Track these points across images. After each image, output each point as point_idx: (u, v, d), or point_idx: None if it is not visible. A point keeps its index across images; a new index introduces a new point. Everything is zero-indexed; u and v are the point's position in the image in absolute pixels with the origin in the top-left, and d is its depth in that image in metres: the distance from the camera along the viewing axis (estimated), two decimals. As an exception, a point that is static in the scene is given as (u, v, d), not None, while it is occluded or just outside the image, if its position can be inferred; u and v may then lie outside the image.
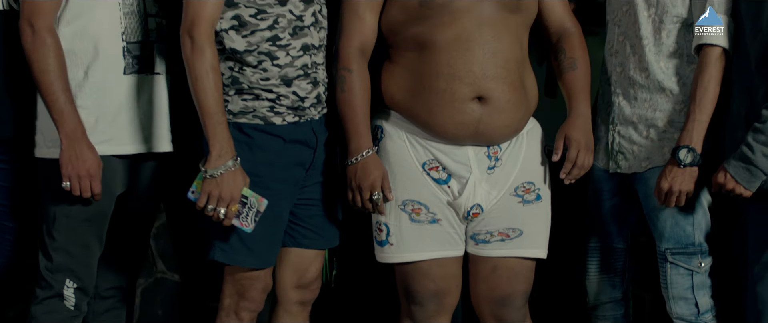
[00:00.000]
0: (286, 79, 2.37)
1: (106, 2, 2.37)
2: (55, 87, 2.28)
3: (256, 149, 2.36)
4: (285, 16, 2.36)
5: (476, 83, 2.34)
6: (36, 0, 2.27)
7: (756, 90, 2.35)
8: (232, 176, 2.27)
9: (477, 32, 2.34)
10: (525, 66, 2.43)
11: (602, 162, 2.63)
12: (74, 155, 2.30)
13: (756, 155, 2.30)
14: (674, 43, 2.48)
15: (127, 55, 2.41)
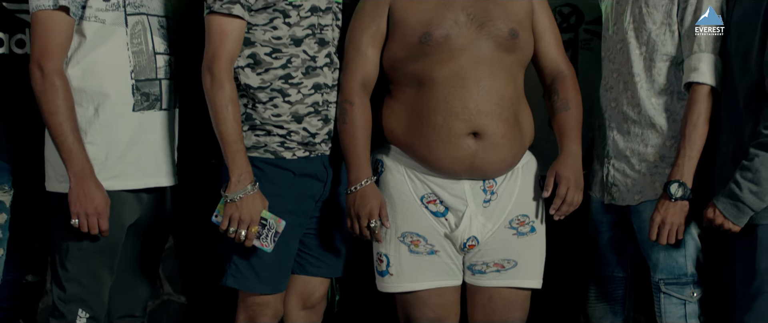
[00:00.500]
0: (296, 115, 2.48)
1: (115, 42, 2.44)
2: (64, 128, 2.36)
3: (266, 182, 2.46)
4: (299, 56, 2.47)
5: (471, 119, 2.42)
6: (45, 43, 2.35)
7: (744, 128, 2.43)
8: (251, 200, 2.38)
9: (473, 70, 2.43)
10: (520, 103, 2.51)
11: (599, 194, 2.71)
12: (82, 193, 2.38)
13: (743, 192, 2.38)
14: (665, 80, 2.57)
15: (136, 92, 2.49)
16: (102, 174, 2.44)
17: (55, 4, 2.33)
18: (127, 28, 2.45)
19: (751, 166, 2.37)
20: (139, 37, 2.47)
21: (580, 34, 2.94)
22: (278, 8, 2.45)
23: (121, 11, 2.44)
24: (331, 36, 2.55)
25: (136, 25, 2.46)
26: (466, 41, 2.44)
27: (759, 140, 2.36)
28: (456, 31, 2.44)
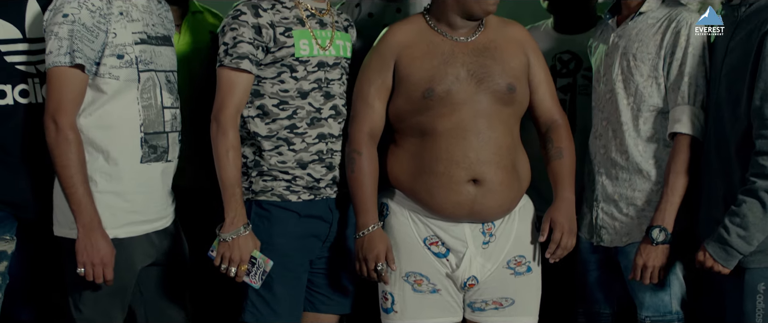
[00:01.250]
0: (301, 162, 2.61)
1: (127, 97, 2.53)
2: (75, 180, 2.44)
3: (273, 222, 2.60)
4: (304, 108, 2.60)
5: (471, 167, 2.56)
6: (60, 98, 2.42)
7: (733, 174, 2.54)
8: (243, 241, 2.52)
9: (473, 122, 2.57)
10: (517, 151, 2.65)
11: (587, 236, 2.84)
12: (89, 243, 2.46)
13: (732, 236, 2.49)
14: (651, 129, 2.69)
15: (145, 145, 2.57)
16: (111, 223, 2.51)
17: (71, 61, 2.41)
18: (138, 84, 2.54)
19: (739, 211, 2.48)
20: (149, 92, 2.56)
21: (578, 80, 3.07)
22: (286, 63, 2.58)
23: (134, 68, 2.53)
24: (339, 90, 2.67)
25: (147, 81, 2.56)
26: (467, 96, 2.57)
27: (747, 187, 2.47)
28: (457, 87, 2.57)
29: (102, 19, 2.46)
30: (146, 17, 2.60)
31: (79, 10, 2.42)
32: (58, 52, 2.41)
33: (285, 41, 2.57)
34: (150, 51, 2.57)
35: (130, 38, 2.53)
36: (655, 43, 2.67)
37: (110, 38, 2.49)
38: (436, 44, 2.61)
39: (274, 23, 2.56)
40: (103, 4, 2.47)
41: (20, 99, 2.58)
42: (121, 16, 2.52)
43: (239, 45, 2.52)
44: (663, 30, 2.66)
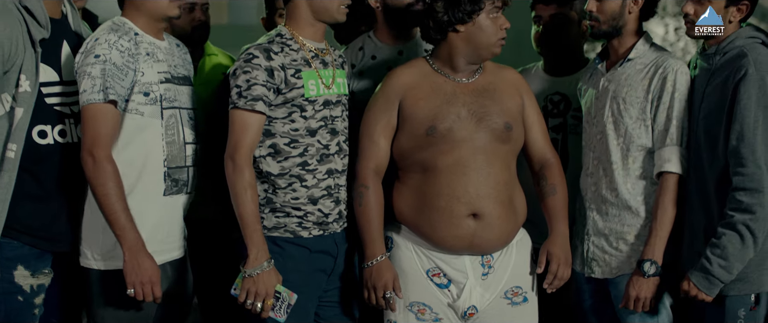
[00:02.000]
0: (312, 198, 2.75)
1: (152, 132, 2.69)
2: (117, 207, 2.58)
3: (287, 258, 2.73)
4: (314, 145, 2.75)
5: (471, 202, 2.73)
6: (97, 133, 2.58)
7: (713, 209, 2.74)
8: (267, 276, 2.64)
9: (472, 159, 2.74)
10: (514, 187, 2.82)
11: (579, 267, 3.00)
12: (136, 264, 2.59)
13: (713, 266, 2.68)
14: (639, 168, 2.87)
15: (167, 178, 2.73)
16: None
17: (104, 98, 2.57)
18: (162, 121, 2.70)
19: (719, 243, 2.67)
20: (172, 128, 2.72)
21: (568, 120, 3.24)
22: (296, 103, 2.72)
23: (158, 105, 2.69)
24: (341, 126, 2.83)
25: (170, 118, 2.72)
26: (467, 133, 2.75)
27: (726, 221, 2.66)
28: (458, 125, 2.75)
29: (130, 58, 2.63)
30: (169, 58, 2.76)
31: (109, 50, 2.59)
32: (92, 90, 2.57)
33: (295, 82, 2.71)
34: (173, 90, 2.74)
35: (156, 77, 2.69)
36: (643, 88, 2.85)
37: (138, 77, 2.65)
38: (438, 85, 2.79)
39: (285, 65, 2.70)
40: (131, 45, 2.64)
41: (59, 139, 2.72)
42: (148, 56, 2.68)
43: (253, 87, 2.65)
44: (650, 75, 2.85)
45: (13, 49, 2.59)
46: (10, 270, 2.66)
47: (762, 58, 2.67)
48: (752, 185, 2.63)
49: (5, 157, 2.62)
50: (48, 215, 2.71)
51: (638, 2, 2.87)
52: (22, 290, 2.68)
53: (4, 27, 2.57)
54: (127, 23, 2.70)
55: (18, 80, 2.62)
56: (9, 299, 2.67)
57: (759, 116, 2.63)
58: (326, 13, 2.75)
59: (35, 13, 2.65)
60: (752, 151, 2.63)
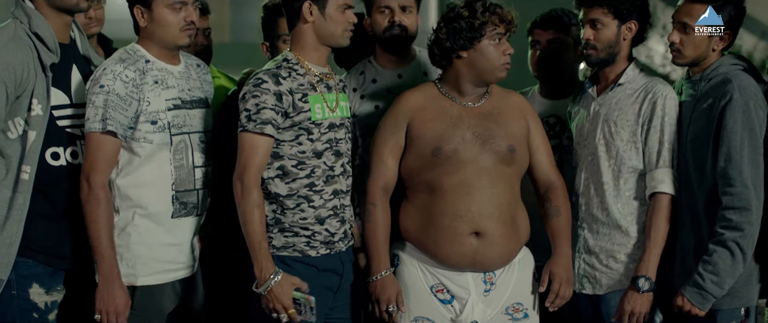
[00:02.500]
0: (319, 218, 2.85)
1: (160, 158, 2.78)
2: (101, 234, 2.69)
3: (295, 276, 2.81)
4: (320, 166, 2.84)
5: (474, 221, 2.85)
6: (94, 160, 2.68)
7: (703, 227, 2.87)
8: (278, 288, 2.73)
9: (476, 179, 2.86)
10: (517, 207, 2.93)
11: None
12: (107, 293, 2.70)
13: (706, 282, 2.80)
14: (630, 188, 2.99)
15: (176, 201, 2.82)
16: (142, 271, 2.77)
17: (103, 127, 2.67)
18: (171, 146, 2.78)
19: (711, 260, 2.80)
20: (180, 153, 2.81)
21: (563, 142, 3.35)
22: (303, 126, 2.81)
23: (167, 132, 2.78)
24: (345, 148, 2.93)
25: (180, 144, 2.81)
26: (471, 155, 2.87)
27: (716, 238, 2.80)
28: (463, 146, 2.86)
29: (135, 89, 2.72)
30: (182, 83, 2.85)
31: (113, 81, 2.69)
32: (93, 118, 2.68)
33: (302, 106, 2.81)
34: (183, 115, 2.83)
35: (164, 105, 2.78)
36: (634, 112, 2.97)
37: (144, 106, 2.74)
38: (445, 108, 2.91)
39: (293, 90, 2.80)
40: (136, 76, 2.73)
41: (70, 160, 2.81)
42: (156, 84, 2.77)
43: (262, 111, 2.74)
44: (641, 100, 2.97)
45: (24, 75, 2.69)
46: (26, 288, 2.76)
47: (745, 84, 2.82)
48: (741, 203, 2.76)
49: (19, 179, 2.71)
50: (61, 234, 2.80)
51: (632, 30, 3.01)
52: (37, 307, 2.77)
53: (16, 53, 2.68)
54: (139, 51, 2.80)
55: (30, 104, 2.71)
56: (25, 316, 2.76)
57: (745, 138, 2.77)
58: (331, 38, 2.86)
59: (45, 38, 2.74)
60: (739, 172, 2.77)
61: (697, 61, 2.93)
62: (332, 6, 2.82)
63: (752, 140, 2.79)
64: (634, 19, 3.00)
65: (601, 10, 2.97)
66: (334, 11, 2.83)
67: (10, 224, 2.71)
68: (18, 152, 2.73)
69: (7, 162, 2.73)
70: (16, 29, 2.73)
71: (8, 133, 2.72)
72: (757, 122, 2.79)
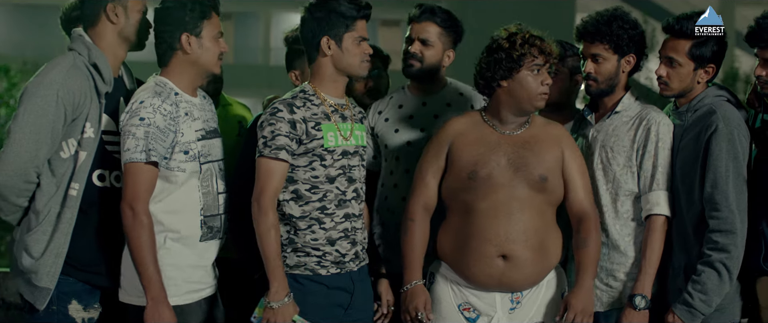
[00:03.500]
0: (330, 240, 3.04)
1: (191, 185, 2.98)
2: (148, 260, 2.87)
3: (306, 294, 3.02)
4: (332, 191, 3.03)
5: (501, 245, 3.02)
6: (136, 188, 2.86)
7: (692, 249, 3.04)
8: (286, 308, 2.94)
9: (507, 204, 3.03)
10: (547, 232, 3.06)
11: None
12: (157, 313, 2.88)
13: (695, 300, 2.97)
14: (627, 211, 3.15)
15: (204, 226, 3.02)
16: (173, 292, 2.94)
17: (146, 158, 2.86)
18: (200, 174, 2.99)
19: (699, 280, 2.97)
20: (207, 180, 3.01)
21: None
22: (316, 153, 3.01)
23: (197, 161, 2.98)
24: (359, 174, 3.11)
25: (207, 171, 3.01)
26: (505, 180, 3.04)
27: (704, 260, 2.97)
28: (497, 172, 3.04)
29: (172, 121, 2.92)
30: (203, 114, 3.06)
31: (154, 114, 2.88)
32: (135, 149, 2.86)
33: (315, 134, 3.01)
34: (208, 145, 3.03)
35: (194, 136, 2.98)
36: (629, 138, 3.13)
37: (178, 137, 2.94)
38: (485, 135, 3.10)
39: (306, 119, 3.00)
40: (173, 108, 2.93)
41: (115, 183, 3.03)
42: (186, 116, 2.98)
43: (277, 138, 2.95)
44: (636, 127, 3.14)
45: (81, 99, 2.93)
46: (65, 304, 2.97)
47: (729, 114, 2.99)
48: (727, 227, 2.93)
49: (68, 195, 2.94)
50: (99, 251, 3.01)
51: (631, 63, 3.18)
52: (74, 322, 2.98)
53: (75, 79, 2.93)
54: (167, 84, 2.99)
55: (83, 127, 2.94)
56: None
57: (730, 166, 2.94)
58: (350, 68, 3.07)
59: (102, 69, 2.99)
60: (725, 197, 2.93)
61: (683, 92, 3.11)
62: (348, 40, 3.03)
63: (736, 167, 2.95)
64: (633, 53, 3.17)
65: (603, 45, 3.14)
66: (350, 44, 3.03)
67: (58, 237, 2.93)
68: (68, 172, 2.95)
69: (57, 181, 2.95)
70: (76, 60, 2.98)
71: (61, 153, 2.95)
72: (740, 150, 2.96)
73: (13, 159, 2.87)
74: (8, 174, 2.88)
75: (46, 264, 2.93)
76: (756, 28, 3.02)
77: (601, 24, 3.14)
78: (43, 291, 2.94)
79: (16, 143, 2.87)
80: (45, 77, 2.91)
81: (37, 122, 2.87)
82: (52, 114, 2.88)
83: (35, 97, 2.88)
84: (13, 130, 2.88)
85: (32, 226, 2.95)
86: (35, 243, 2.93)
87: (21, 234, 2.99)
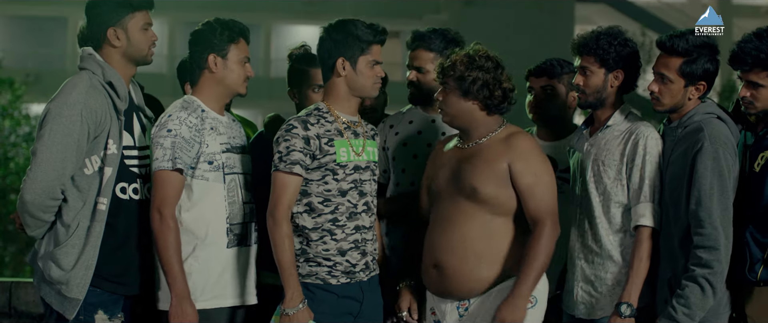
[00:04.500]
0: (341, 251, 3.21)
1: (216, 194, 3.18)
2: (173, 259, 3.07)
3: (317, 302, 3.19)
4: (344, 204, 3.21)
5: (433, 255, 3.24)
6: (164, 194, 3.08)
7: (678, 261, 3.17)
8: (301, 314, 3.11)
9: (447, 215, 3.24)
10: (489, 242, 3.16)
11: (569, 309, 3.42)
12: (181, 310, 3.07)
13: (678, 314, 3.10)
14: (618, 221, 3.29)
15: (230, 233, 3.21)
16: (201, 296, 3.13)
17: (172, 166, 3.07)
18: (224, 185, 3.18)
19: (683, 294, 3.10)
20: (233, 190, 3.21)
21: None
22: (329, 168, 3.19)
23: (221, 172, 3.18)
24: (370, 189, 3.29)
25: (231, 182, 3.21)
26: (445, 193, 3.25)
27: (688, 274, 3.10)
28: (441, 184, 3.26)
29: (197, 133, 3.12)
30: (229, 131, 3.27)
31: (180, 126, 3.09)
32: (162, 158, 3.07)
33: (328, 149, 3.19)
34: (233, 158, 3.23)
35: (219, 148, 3.19)
36: (619, 152, 3.28)
37: (203, 148, 3.14)
38: (450, 150, 3.32)
39: (320, 135, 3.18)
40: (198, 121, 3.14)
41: (133, 195, 3.22)
42: (212, 130, 3.18)
43: (292, 153, 3.13)
44: (625, 141, 3.28)
45: (102, 117, 3.12)
46: (92, 314, 3.16)
47: (716, 132, 3.12)
48: (710, 243, 3.06)
49: (96, 209, 3.13)
50: (123, 261, 3.19)
51: (619, 78, 3.32)
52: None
53: (96, 98, 3.11)
54: (195, 101, 3.21)
55: (106, 144, 3.13)
56: None
57: (714, 183, 3.08)
58: (362, 90, 3.26)
59: (117, 87, 3.17)
60: (709, 214, 3.07)
61: (674, 108, 3.24)
62: (362, 62, 3.23)
63: (721, 184, 3.08)
64: (621, 69, 3.31)
65: (590, 58, 3.30)
66: (363, 67, 3.23)
67: (88, 250, 3.12)
68: (94, 187, 3.14)
69: (83, 196, 3.14)
70: (92, 79, 3.16)
71: (85, 169, 3.14)
72: (726, 168, 3.09)
73: (42, 178, 3.04)
74: (37, 192, 3.05)
75: (76, 276, 3.10)
76: (738, 52, 3.15)
77: (589, 39, 3.30)
78: (74, 302, 3.11)
79: (43, 162, 3.04)
80: (67, 98, 3.08)
81: (63, 142, 3.04)
82: (77, 133, 3.05)
83: (60, 117, 3.04)
84: (39, 150, 3.05)
85: (62, 239, 3.11)
86: (65, 255, 3.10)
87: (47, 247, 3.16)
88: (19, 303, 4.82)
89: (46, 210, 3.10)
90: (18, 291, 4.84)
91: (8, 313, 4.81)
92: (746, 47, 3.13)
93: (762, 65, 3.11)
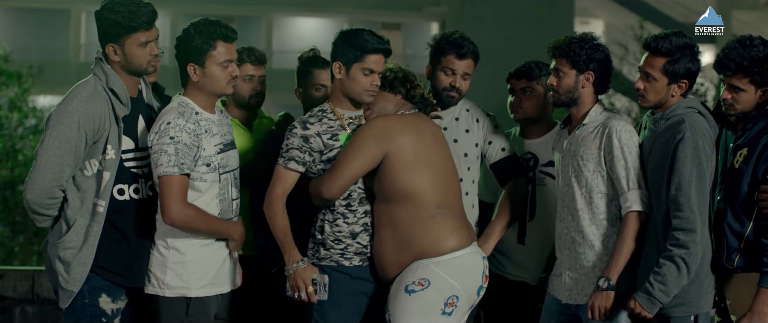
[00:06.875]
0: (353, 233, 3.44)
1: (210, 193, 3.36)
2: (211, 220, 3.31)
3: (332, 282, 3.42)
4: (356, 190, 3.45)
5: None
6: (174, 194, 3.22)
7: (660, 244, 3.34)
8: (302, 270, 3.37)
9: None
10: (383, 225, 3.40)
11: (556, 293, 3.60)
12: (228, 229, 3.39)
13: (655, 290, 3.30)
14: (602, 212, 3.46)
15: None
16: (196, 285, 3.32)
17: (179, 171, 3.22)
18: (219, 184, 3.37)
19: (660, 272, 3.29)
20: (224, 188, 3.40)
21: (536, 175, 3.91)
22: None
23: (216, 172, 3.36)
24: None
25: (224, 180, 3.39)
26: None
27: (666, 254, 3.29)
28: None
29: (195, 138, 3.28)
30: (220, 128, 3.42)
31: (180, 133, 3.25)
32: (168, 164, 3.22)
33: (333, 144, 3.43)
34: (226, 156, 3.40)
35: (214, 150, 3.35)
36: (595, 146, 3.45)
37: (201, 152, 3.31)
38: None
39: (321, 132, 3.43)
40: (195, 127, 3.29)
41: (133, 195, 3.41)
42: (206, 133, 3.34)
43: (290, 150, 3.42)
44: (600, 135, 3.45)
45: (101, 124, 3.30)
46: (96, 298, 3.37)
47: (696, 125, 3.32)
48: (688, 226, 3.26)
49: (95, 211, 3.32)
50: (125, 256, 3.38)
51: (590, 80, 3.51)
52: (105, 313, 3.38)
53: (96, 106, 3.29)
54: (189, 103, 3.35)
55: (105, 149, 3.31)
56: (95, 320, 3.37)
57: (693, 171, 3.27)
58: (353, 94, 3.48)
59: (119, 94, 3.34)
60: (687, 199, 3.26)
61: (659, 104, 3.43)
62: (355, 69, 3.43)
63: (699, 172, 3.28)
64: (592, 71, 3.49)
65: (563, 61, 3.49)
66: (356, 73, 3.43)
67: (86, 248, 3.32)
68: (92, 188, 3.33)
69: (82, 195, 3.34)
70: (96, 85, 3.34)
71: (84, 171, 3.34)
72: (704, 157, 3.28)
73: (40, 180, 3.26)
74: (36, 193, 3.28)
75: (73, 271, 3.32)
76: (723, 58, 3.36)
77: (562, 43, 3.50)
78: (68, 293, 3.34)
79: (42, 166, 3.26)
80: (68, 106, 3.27)
81: (61, 148, 3.24)
82: (74, 140, 3.24)
83: (59, 124, 3.24)
84: (39, 154, 3.26)
85: (62, 234, 3.32)
86: (64, 249, 3.32)
87: (53, 238, 3.37)
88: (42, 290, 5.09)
89: (46, 207, 3.32)
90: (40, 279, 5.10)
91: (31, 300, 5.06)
92: (731, 54, 3.34)
93: (744, 71, 3.31)
